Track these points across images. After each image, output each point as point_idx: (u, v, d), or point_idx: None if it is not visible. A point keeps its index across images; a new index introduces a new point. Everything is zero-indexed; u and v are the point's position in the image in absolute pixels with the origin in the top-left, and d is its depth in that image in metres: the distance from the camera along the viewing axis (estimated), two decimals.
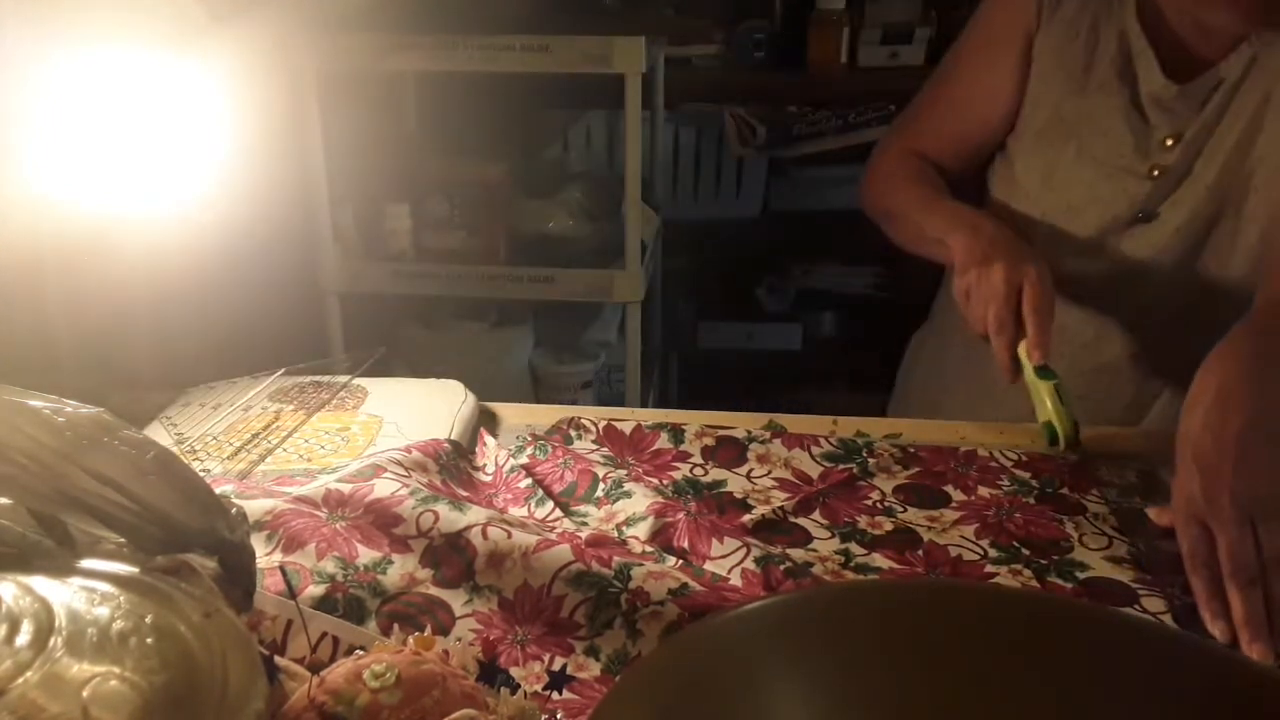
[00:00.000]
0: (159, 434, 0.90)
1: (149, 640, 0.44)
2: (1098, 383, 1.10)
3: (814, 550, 0.78)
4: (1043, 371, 0.91)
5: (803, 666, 0.53)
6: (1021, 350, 0.92)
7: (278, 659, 0.55)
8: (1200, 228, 1.03)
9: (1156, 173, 1.03)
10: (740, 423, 0.95)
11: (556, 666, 0.64)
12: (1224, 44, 1.00)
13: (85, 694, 0.41)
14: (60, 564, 0.49)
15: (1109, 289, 1.07)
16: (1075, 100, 1.05)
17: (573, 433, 0.93)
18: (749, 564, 0.74)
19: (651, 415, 0.97)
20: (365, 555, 0.70)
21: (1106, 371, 1.10)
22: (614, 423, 0.95)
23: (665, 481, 0.87)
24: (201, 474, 0.74)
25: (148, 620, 0.45)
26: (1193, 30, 1.00)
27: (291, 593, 0.64)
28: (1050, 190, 1.07)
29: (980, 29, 1.14)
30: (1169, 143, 1.02)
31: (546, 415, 0.98)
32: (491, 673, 0.61)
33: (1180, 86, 1.01)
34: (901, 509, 0.84)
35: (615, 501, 0.82)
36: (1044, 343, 0.90)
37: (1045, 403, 0.91)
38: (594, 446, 0.92)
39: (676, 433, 0.93)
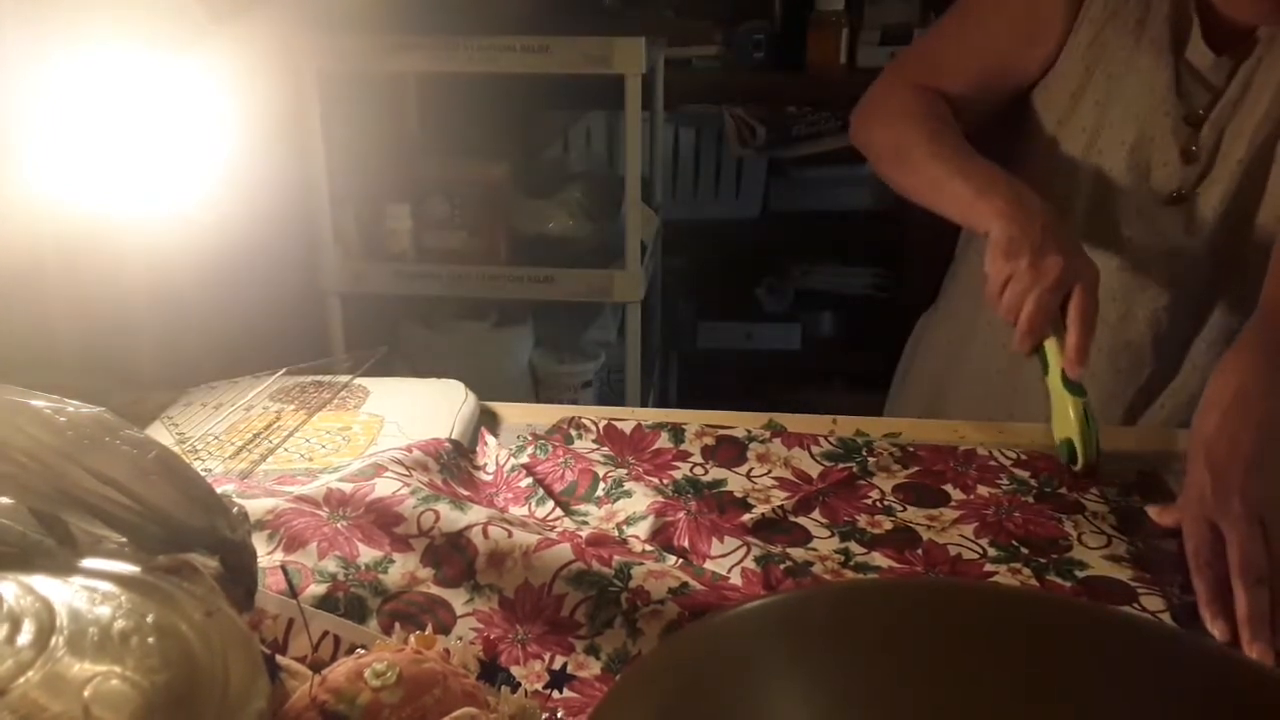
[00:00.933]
0: (160, 434, 0.90)
1: (150, 639, 0.44)
2: (1118, 362, 1.06)
3: (814, 549, 0.78)
4: (1072, 386, 0.87)
5: (803, 666, 0.53)
6: (1052, 353, 0.88)
7: (279, 658, 0.55)
8: (1232, 208, 0.99)
9: (1187, 155, 0.99)
10: (740, 422, 0.95)
11: (557, 665, 0.64)
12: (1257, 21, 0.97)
13: (87, 693, 0.41)
14: (61, 563, 0.49)
15: (1141, 267, 1.04)
16: (1128, 55, 1.00)
17: (573, 432, 0.94)
18: (749, 563, 0.74)
19: (651, 415, 0.97)
20: (366, 554, 0.70)
21: (1128, 351, 1.06)
22: (614, 422, 0.95)
23: (665, 481, 0.87)
24: (203, 473, 0.74)
25: (149, 619, 0.45)
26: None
27: (293, 592, 0.64)
28: (1093, 155, 1.02)
29: None
30: (1200, 113, 0.98)
31: (546, 415, 0.98)
32: (492, 671, 0.61)
33: (1216, 57, 0.98)
34: (901, 508, 0.84)
35: (615, 501, 0.82)
36: (1085, 354, 0.86)
37: (1069, 418, 0.87)
38: (594, 446, 0.92)
39: (677, 432, 0.94)
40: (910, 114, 1.04)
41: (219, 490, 0.57)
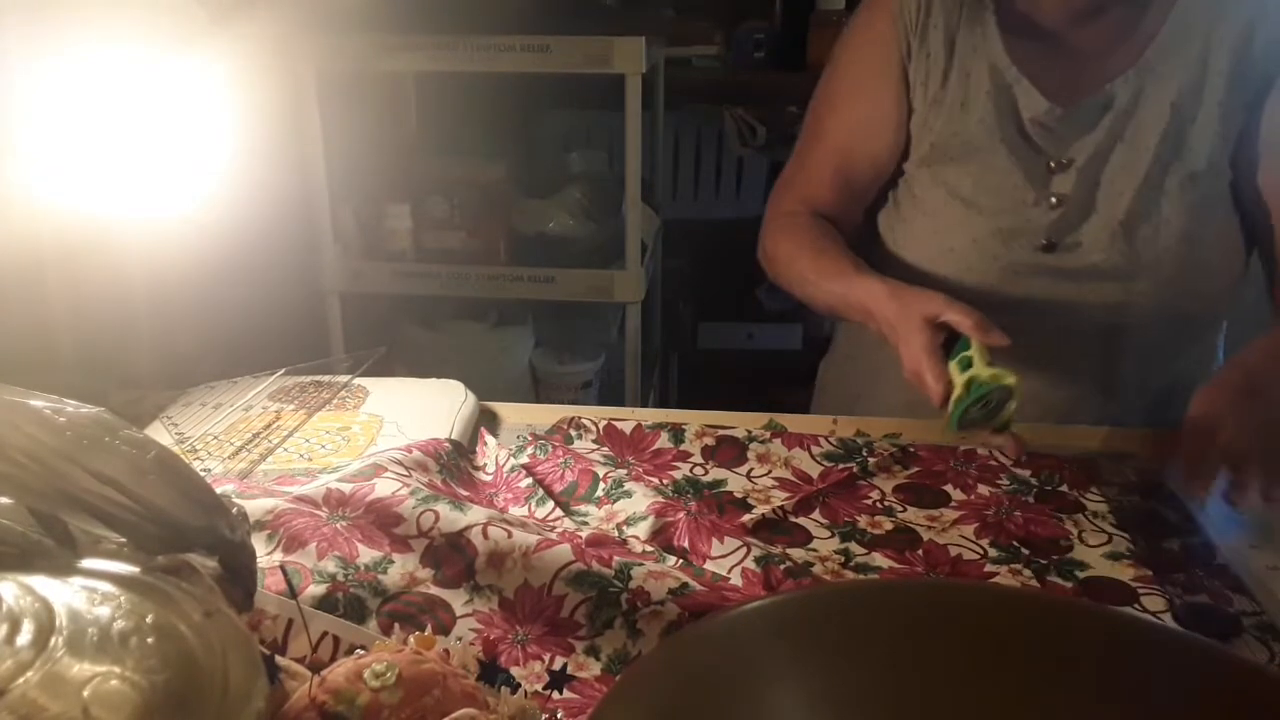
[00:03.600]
0: (160, 434, 0.90)
1: (150, 640, 0.44)
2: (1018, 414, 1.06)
3: (814, 550, 0.78)
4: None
5: (802, 667, 0.53)
6: (958, 372, 0.85)
7: (278, 658, 0.55)
8: (1118, 257, 1.01)
9: (1055, 200, 1.01)
10: (740, 422, 0.95)
11: (557, 666, 0.64)
12: (1101, 69, 1.00)
13: (86, 694, 0.41)
14: (61, 564, 0.49)
15: (1023, 321, 1.00)
16: (959, 138, 1.04)
17: (573, 432, 0.94)
18: (749, 563, 0.74)
19: (652, 415, 0.97)
20: (366, 555, 0.70)
21: (1026, 401, 1.04)
22: (614, 422, 0.95)
23: (665, 481, 0.87)
24: (202, 474, 0.74)
25: (148, 620, 0.45)
26: (1067, 54, 1.01)
27: (292, 592, 0.64)
28: (947, 229, 1.05)
29: (850, 62, 1.10)
30: (1060, 164, 1.01)
31: (546, 415, 0.98)
32: (492, 672, 0.61)
33: (1064, 110, 1.01)
34: (901, 508, 0.84)
35: (615, 501, 0.82)
36: (986, 325, 0.86)
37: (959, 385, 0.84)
38: (594, 446, 0.92)
39: (677, 432, 0.94)
40: (792, 252, 1.08)
41: (218, 490, 0.57)
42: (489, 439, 0.91)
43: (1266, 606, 0.71)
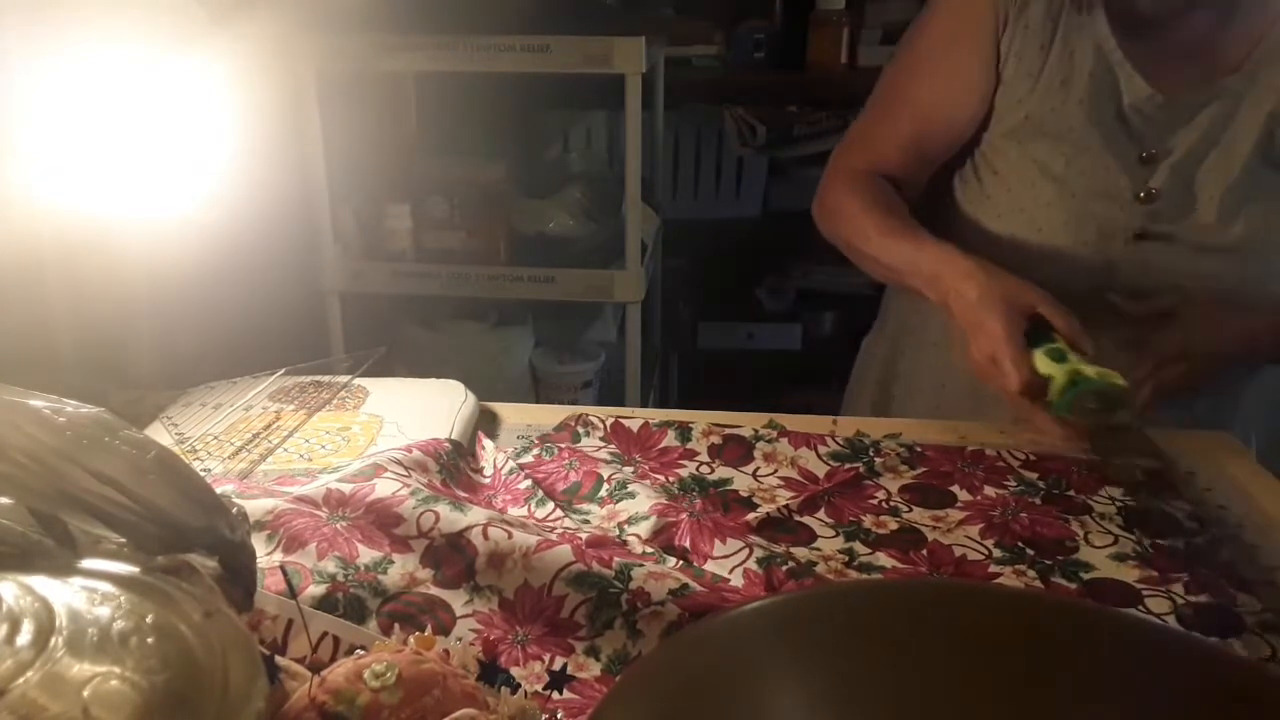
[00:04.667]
0: (160, 434, 0.89)
1: (149, 640, 0.44)
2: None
3: (818, 549, 0.78)
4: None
5: (803, 667, 0.53)
6: (1047, 363, 0.85)
7: (278, 658, 0.55)
8: (1204, 258, 1.01)
9: (1146, 193, 1.01)
10: (744, 422, 0.95)
11: (557, 666, 0.64)
12: (1207, 65, 1.00)
13: (86, 694, 0.41)
14: (61, 564, 0.49)
15: (1106, 305, 1.04)
16: (1056, 115, 1.03)
17: (580, 430, 0.94)
18: (751, 564, 0.74)
19: (659, 414, 0.97)
20: (366, 555, 0.70)
21: None
22: (621, 420, 0.95)
23: (671, 479, 0.87)
24: (202, 474, 0.74)
25: (148, 620, 0.45)
26: (1174, 45, 1.00)
27: (292, 592, 0.64)
28: (1036, 207, 1.05)
29: (939, 26, 1.10)
30: (1153, 155, 1.01)
31: (546, 415, 0.98)
32: (492, 672, 0.61)
33: (1165, 99, 1.00)
34: (907, 509, 0.84)
35: (618, 501, 0.82)
36: (1081, 333, 0.87)
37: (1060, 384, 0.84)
38: (601, 444, 0.92)
39: (683, 431, 0.94)
40: (856, 207, 1.07)
41: (218, 490, 0.57)
42: (486, 442, 0.91)
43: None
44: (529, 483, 0.84)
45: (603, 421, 0.94)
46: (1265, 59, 1.00)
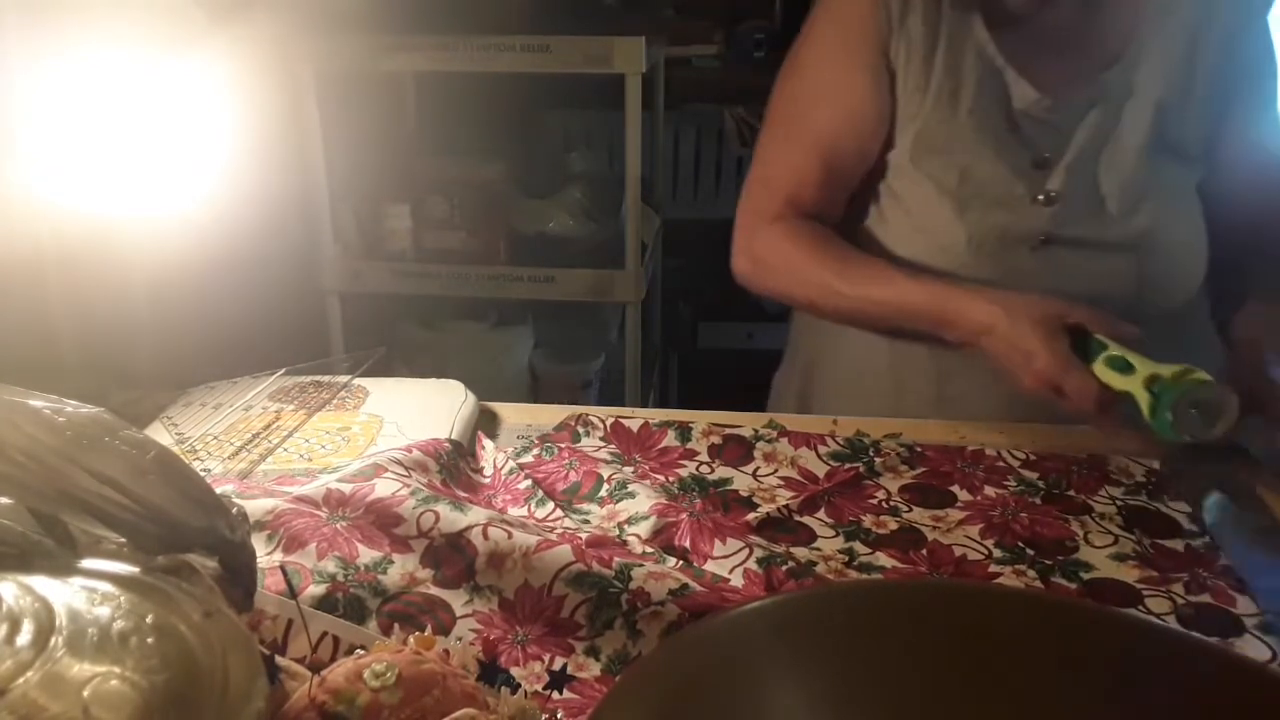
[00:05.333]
0: (160, 434, 0.89)
1: (149, 640, 0.44)
2: (1014, 409, 1.01)
3: (818, 549, 0.78)
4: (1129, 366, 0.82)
5: (803, 667, 0.53)
6: (1106, 370, 0.83)
7: (278, 658, 0.55)
8: (1110, 257, 1.01)
9: (1046, 196, 1.00)
10: (744, 422, 0.95)
11: (557, 666, 0.64)
12: (1090, 62, 1.00)
13: (86, 694, 0.41)
14: (61, 564, 0.48)
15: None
16: (946, 128, 1.01)
17: (580, 429, 0.94)
18: (751, 564, 0.74)
19: (659, 414, 0.97)
20: (366, 555, 0.70)
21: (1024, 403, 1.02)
22: (621, 420, 0.95)
23: (671, 479, 0.87)
24: (202, 474, 0.74)
25: (148, 620, 0.45)
26: (1053, 45, 0.99)
27: (292, 592, 0.64)
28: (936, 228, 1.02)
29: (823, 47, 1.06)
30: (1049, 158, 1.00)
31: (546, 415, 0.98)
32: (492, 672, 0.61)
33: (1053, 101, 0.99)
34: (907, 508, 0.84)
35: (618, 501, 0.82)
36: (1125, 329, 0.86)
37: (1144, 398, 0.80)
38: (601, 444, 0.92)
39: (684, 431, 0.94)
40: (803, 258, 1.02)
41: (218, 490, 0.57)
42: (486, 443, 0.91)
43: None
44: (529, 483, 0.84)
45: (603, 421, 0.94)
46: (1143, 48, 0.99)
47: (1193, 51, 0.99)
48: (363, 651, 0.54)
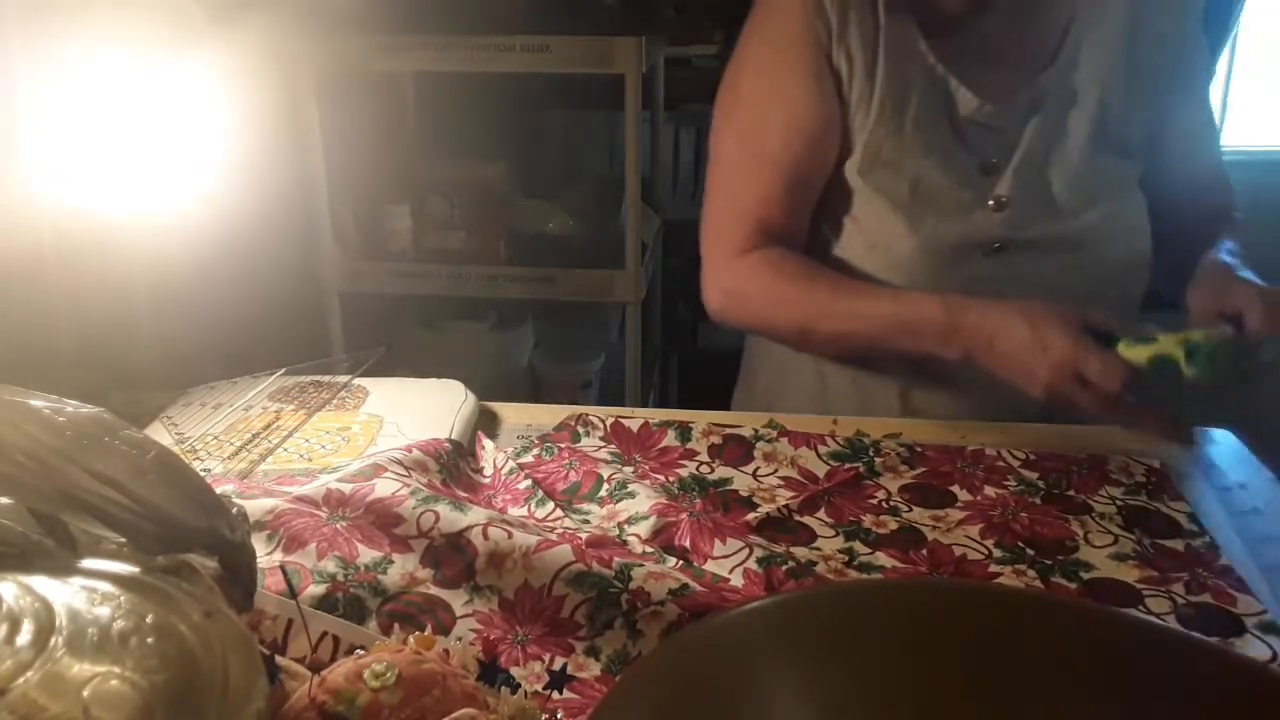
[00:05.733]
0: (160, 434, 0.89)
1: (149, 640, 0.44)
2: (966, 407, 1.03)
3: (818, 549, 0.78)
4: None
5: (803, 667, 0.53)
6: (1133, 349, 0.85)
7: (278, 658, 0.55)
8: (1061, 258, 1.01)
9: (996, 202, 1.00)
10: (744, 421, 0.95)
11: (557, 666, 0.64)
12: (1030, 64, 1.00)
13: (86, 694, 0.41)
14: (61, 564, 0.48)
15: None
16: (893, 141, 1.00)
17: (580, 429, 0.94)
18: (751, 564, 0.74)
19: (659, 414, 0.97)
20: (366, 555, 0.70)
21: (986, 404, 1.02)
22: (621, 420, 0.95)
23: (671, 479, 0.87)
24: (202, 474, 0.74)
25: (148, 620, 0.45)
26: (992, 50, 1.00)
27: (292, 592, 0.64)
28: (891, 242, 1.01)
29: (778, 73, 1.03)
30: (997, 164, 1.00)
31: (546, 415, 0.98)
32: (492, 672, 0.61)
33: (996, 107, 1.00)
34: (907, 508, 0.84)
35: (618, 501, 0.82)
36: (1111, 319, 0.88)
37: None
38: (601, 444, 0.92)
39: (684, 431, 0.94)
40: (785, 288, 1.01)
41: (218, 490, 0.57)
42: (486, 443, 0.91)
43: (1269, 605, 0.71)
44: (529, 483, 0.84)
45: (603, 421, 0.94)
46: (1080, 47, 1.00)
47: (1130, 47, 1.00)
48: (363, 651, 0.54)
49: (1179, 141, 1.06)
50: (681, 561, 0.74)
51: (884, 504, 0.84)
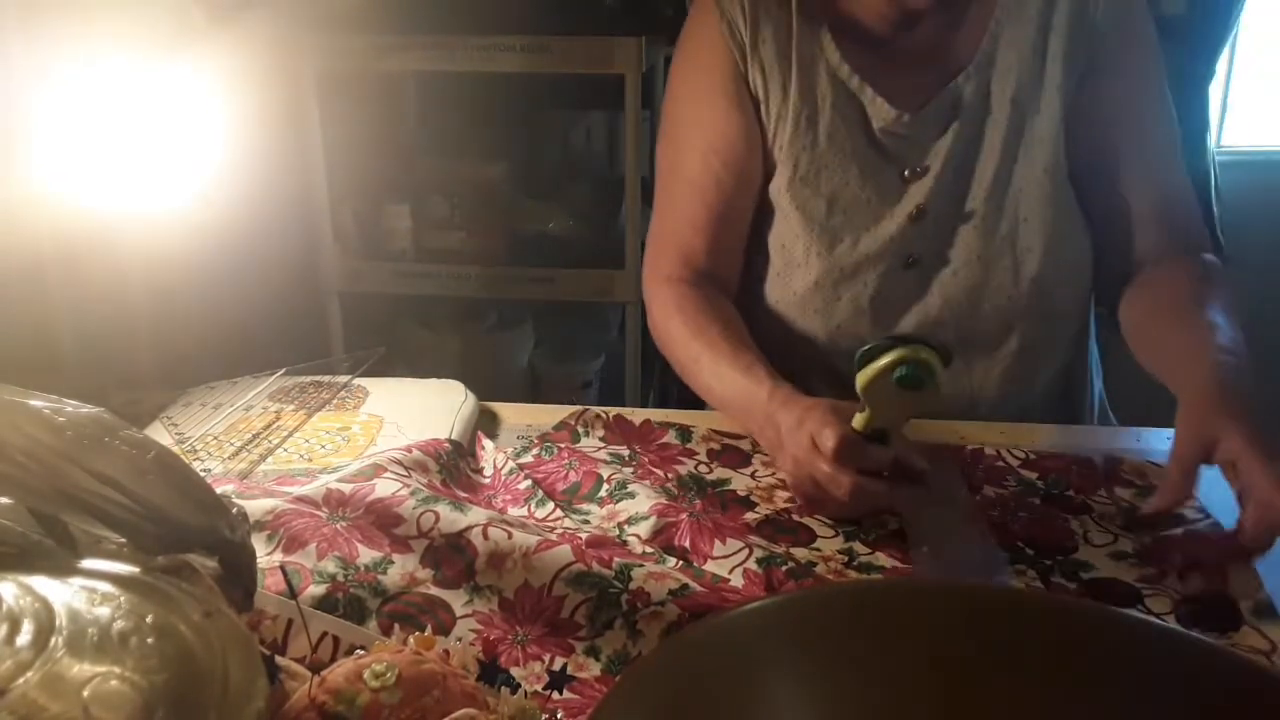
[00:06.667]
0: (160, 434, 0.89)
1: (149, 640, 0.44)
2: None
3: (817, 549, 0.78)
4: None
5: (803, 667, 0.53)
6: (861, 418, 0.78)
7: (278, 658, 0.55)
8: (979, 268, 0.99)
9: (915, 211, 0.98)
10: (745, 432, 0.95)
11: (557, 666, 0.64)
12: (943, 69, 0.98)
13: (86, 694, 0.41)
14: (61, 564, 0.48)
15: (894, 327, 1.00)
16: (809, 156, 0.99)
17: (580, 429, 0.94)
18: (751, 564, 0.74)
19: (660, 415, 0.97)
20: (366, 555, 0.70)
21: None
22: (623, 415, 0.95)
23: (670, 474, 0.87)
24: (202, 474, 0.74)
25: (148, 620, 0.45)
26: (905, 57, 0.98)
27: (292, 592, 0.64)
28: (807, 260, 1.00)
29: (684, 86, 1.04)
30: (915, 173, 0.98)
31: (546, 415, 0.98)
32: (492, 672, 0.61)
33: (912, 115, 0.97)
34: None
35: (618, 501, 0.82)
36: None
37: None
38: (601, 444, 0.92)
39: (684, 433, 0.94)
40: (684, 334, 0.98)
41: (218, 491, 0.57)
42: (486, 443, 0.91)
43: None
44: (529, 483, 0.84)
45: (605, 414, 0.95)
46: (994, 44, 0.97)
47: (1043, 41, 0.97)
48: (363, 651, 0.54)
49: (1122, 147, 0.99)
50: (681, 562, 0.74)
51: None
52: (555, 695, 0.62)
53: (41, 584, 0.46)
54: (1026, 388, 1.04)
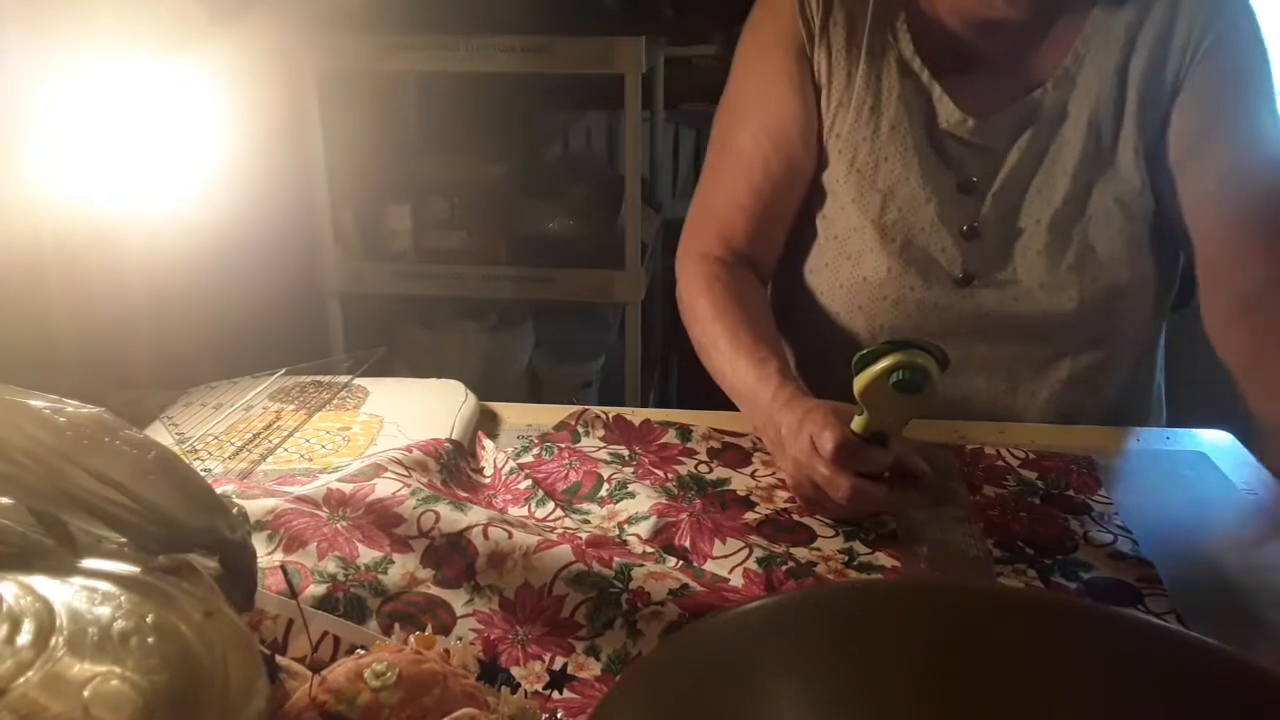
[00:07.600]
0: (160, 434, 0.89)
1: (150, 640, 0.44)
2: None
3: (817, 549, 0.78)
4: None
5: (803, 667, 0.53)
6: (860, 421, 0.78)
7: (279, 658, 0.55)
8: (1040, 294, 0.96)
9: (969, 228, 0.96)
10: (745, 429, 0.95)
11: (557, 666, 0.64)
12: (1020, 80, 0.95)
13: (86, 694, 0.41)
14: (61, 564, 0.49)
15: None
16: (868, 146, 0.97)
17: (580, 429, 0.94)
18: (751, 564, 0.74)
19: (660, 414, 0.98)
20: (366, 555, 0.70)
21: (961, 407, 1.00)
22: (623, 415, 0.95)
23: (670, 474, 0.87)
24: (202, 474, 0.74)
25: (149, 620, 0.45)
26: (983, 63, 0.95)
27: (293, 592, 0.64)
28: (859, 254, 0.98)
29: (753, 66, 1.02)
30: (974, 184, 0.95)
31: (546, 415, 0.98)
32: (492, 672, 0.61)
33: (978, 122, 0.95)
34: None
35: (618, 501, 0.82)
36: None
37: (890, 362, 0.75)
38: (601, 444, 0.92)
39: (684, 432, 0.94)
40: (709, 314, 0.97)
41: (219, 490, 0.57)
42: (487, 443, 0.91)
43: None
44: (529, 483, 0.84)
45: (605, 414, 0.95)
46: (1078, 62, 0.94)
47: (1126, 63, 0.94)
48: (363, 651, 0.54)
49: (1220, 164, 0.94)
50: (681, 561, 0.74)
51: None
52: (555, 695, 0.62)
53: (42, 584, 0.46)
54: (1078, 411, 1.01)
